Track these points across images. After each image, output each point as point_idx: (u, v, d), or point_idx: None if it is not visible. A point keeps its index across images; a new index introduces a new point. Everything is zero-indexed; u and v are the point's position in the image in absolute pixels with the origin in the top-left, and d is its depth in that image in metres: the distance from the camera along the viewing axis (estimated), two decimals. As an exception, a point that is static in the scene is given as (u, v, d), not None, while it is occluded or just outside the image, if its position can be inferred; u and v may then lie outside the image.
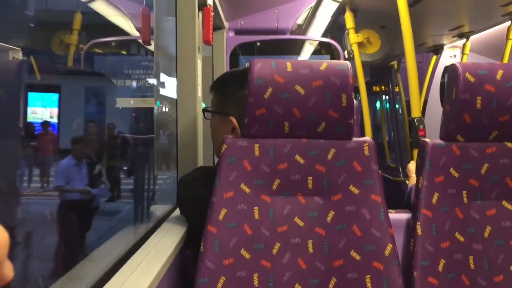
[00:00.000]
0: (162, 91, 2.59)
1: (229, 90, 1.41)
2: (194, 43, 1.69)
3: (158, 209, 1.65)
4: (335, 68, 1.19)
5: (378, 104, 6.25)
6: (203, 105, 1.82)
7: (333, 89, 1.18)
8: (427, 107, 4.17)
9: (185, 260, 1.36)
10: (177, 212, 1.53)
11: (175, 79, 1.71)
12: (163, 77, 2.44)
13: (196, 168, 1.51)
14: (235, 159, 1.19)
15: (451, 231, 1.25)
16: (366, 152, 1.22)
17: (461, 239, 1.25)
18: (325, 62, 1.20)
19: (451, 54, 4.17)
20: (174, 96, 1.71)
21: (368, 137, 1.27)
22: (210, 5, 1.80)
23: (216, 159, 1.37)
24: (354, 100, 1.30)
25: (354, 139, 1.24)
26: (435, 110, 3.64)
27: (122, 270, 1.03)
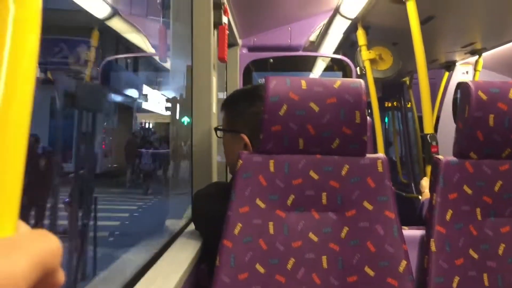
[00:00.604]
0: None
1: (239, 107, 1.43)
2: (210, 60, 1.73)
3: (173, 224, 1.67)
4: (349, 86, 1.21)
5: (389, 119, 6.24)
6: None
7: (346, 106, 1.20)
8: (439, 123, 4.16)
9: (199, 275, 1.38)
10: (192, 226, 1.55)
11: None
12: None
13: (211, 184, 1.53)
14: (250, 174, 1.21)
15: (465, 248, 1.25)
16: (380, 169, 1.23)
17: (475, 256, 1.25)
18: (338, 80, 1.23)
19: (463, 71, 4.17)
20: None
21: (381, 154, 1.28)
22: (225, 23, 1.83)
23: (229, 176, 1.38)
24: (368, 117, 1.32)
25: (368, 155, 1.25)
26: (448, 127, 3.63)
27: (140, 283, 1.04)
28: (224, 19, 1.82)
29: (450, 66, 4.11)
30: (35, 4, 0.25)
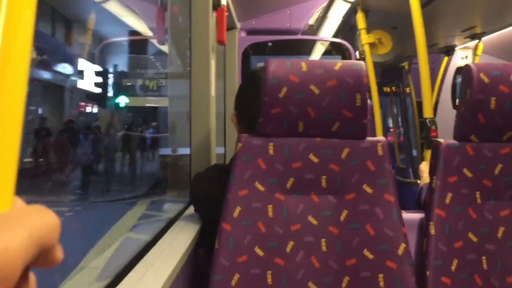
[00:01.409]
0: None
1: (239, 89, 1.45)
2: (208, 43, 1.71)
3: (171, 207, 1.66)
4: (350, 68, 1.20)
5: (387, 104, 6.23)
6: None
7: (347, 89, 1.19)
8: (438, 108, 4.15)
9: (198, 259, 1.38)
10: (190, 210, 1.54)
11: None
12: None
13: (210, 166, 1.52)
14: (249, 157, 1.20)
15: (464, 231, 1.25)
16: (380, 152, 1.22)
17: (474, 239, 1.25)
18: (339, 62, 1.21)
19: (463, 55, 4.15)
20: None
21: (382, 137, 1.27)
22: (224, 5, 1.81)
23: (228, 158, 1.38)
24: (368, 100, 1.31)
25: (368, 138, 1.24)
26: (446, 112, 3.62)
27: (136, 268, 1.04)
28: (223, 1, 1.80)
29: (449, 50, 4.10)
30: None
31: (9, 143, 0.24)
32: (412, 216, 1.40)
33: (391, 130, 5.90)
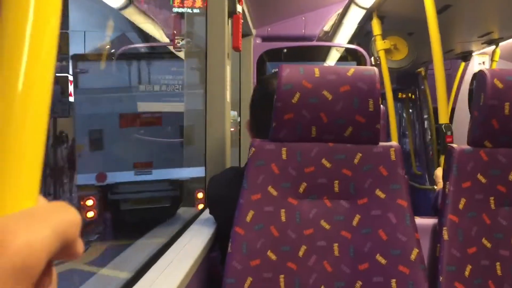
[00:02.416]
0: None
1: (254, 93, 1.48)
2: (224, 49, 1.73)
3: (186, 211, 1.68)
4: (362, 73, 1.21)
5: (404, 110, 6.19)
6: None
7: (360, 94, 1.19)
8: (455, 114, 4.12)
9: (212, 262, 1.39)
10: (205, 214, 1.56)
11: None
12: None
13: (226, 169, 1.55)
14: (263, 162, 1.22)
15: (478, 237, 1.25)
16: (393, 157, 1.23)
17: (488, 245, 1.25)
18: (352, 68, 1.22)
19: (480, 61, 4.12)
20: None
21: (394, 142, 1.28)
22: (239, 12, 1.84)
23: (243, 162, 1.40)
24: (381, 106, 1.32)
25: (381, 143, 1.25)
26: (463, 118, 3.59)
27: (152, 270, 1.06)
28: (239, 8, 1.83)
29: (466, 56, 4.07)
30: None
31: (35, 143, 0.25)
32: (425, 222, 1.40)
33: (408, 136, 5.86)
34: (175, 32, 1.80)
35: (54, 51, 0.27)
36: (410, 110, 5.65)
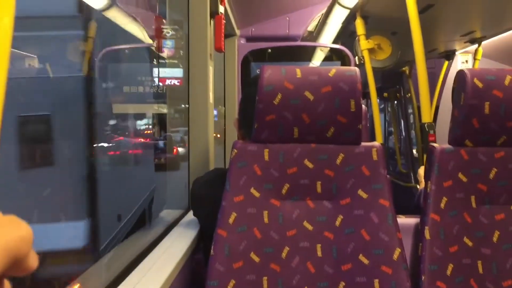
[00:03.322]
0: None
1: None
2: (206, 50, 1.72)
3: (170, 214, 1.67)
4: (344, 74, 1.21)
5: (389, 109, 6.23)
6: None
7: (341, 94, 1.20)
8: (438, 113, 4.16)
9: (196, 264, 1.39)
10: (188, 216, 1.56)
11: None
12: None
13: (210, 170, 1.54)
14: (245, 163, 1.21)
15: (459, 236, 1.25)
16: (375, 157, 1.23)
17: (470, 243, 1.26)
18: (334, 69, 1.22)
19: (463, 60, 4.16)
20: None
21: (376, 142, 1.28)
22: (222, 13, 1.83)
23: (228, 163, 1.40)
24: (363, 106, 1.32)
25: (363, 144, 1.25)
26: (447, 116, 3.62)
27: (133, 273, 1.05)
28: (221, 9, 1.82)
29: (449, 55, 4.10)
30: None
31: None
32: (407, 221, 1.40)
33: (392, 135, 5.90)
34: (156, 33, 1.79)
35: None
36: (395, 109, 5.69)
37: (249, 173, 1.21)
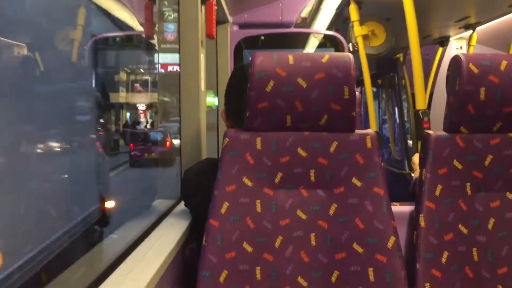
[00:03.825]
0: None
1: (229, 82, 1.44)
2: (197, 37, 1.69)
3: (161, 203, 1.65)
4: (337, 60, 1.19)
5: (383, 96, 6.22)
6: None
7: (335, 81, 1.17)
8: (433, 99, 4.15)
9: (189, 254, 1.37)
10: (180, 206, 1.54)
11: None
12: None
13: (201, 160, 1.52)
14: (237, 152, 1.19)
15: (454, 223, 1.24)
16: (369, 145, 1.21)
17: (465, 231, 1.25)
18: (327, 55, 1.20)
19: (457, 46, 4.14)
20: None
21: (370, 130, 1.26)
22: None
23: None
24: (357, 93, 1.30)
25: (357, 131, 1.23)
26: (441, 103, 3.61)
27: (125, 263, 1.04)
28: (212, -6, 1.78)
29: (443, 41, 4.09)
30: None
31: None
32: (402, 209, 1.39)
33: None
34: (146, 20, 1.76)
35: None
36: (390, 96, 5.68)
37: (242, 162, 1.19)
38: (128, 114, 18.75)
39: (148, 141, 13.14)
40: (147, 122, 17.96)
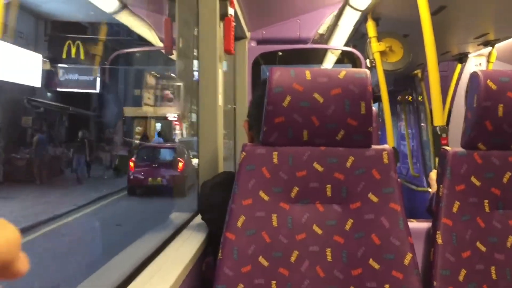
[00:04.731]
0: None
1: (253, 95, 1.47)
2: (216, 52, 1.72)
3: (179, 216, 1.67)
4: (354, 76, 1.19)
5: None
6: None
7: (351, 97, 1.18)
8: (451, 116, 4.11)
9: (206, 268, 1.38)
10: (197, 219, 1.55)
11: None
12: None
13: (218, 174, 1.53)
14: (254, 166, 1.20)
15: (472, 241, 1.23)
16: (385, 160, 1.21)
17: (483, 248, 1.23)
18: (344, 70, 1.21)
19: (476, 63, 4.11)
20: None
21: (387, 145, 1.26)
22: (231, 15, 1.82)
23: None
24: (374, 108, 1.30)
25: (373, 147, 1.23)
26: (460, 119, 3.57)
27: (141, 275, 1.05)
28: (230, 11, 1.81)
29: (462, 58, 4.06)
30: None
31: None
32: (419, 225, 1.38)
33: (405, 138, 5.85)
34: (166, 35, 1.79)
35: None
36: (408, 112, 5.64)
37: (258, 176, 1.20)
38: (159, 125, 17.04)
39: (156, 160, 9.89)
40: (182, 134, 15.68)
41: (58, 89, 12.53)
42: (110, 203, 8.67)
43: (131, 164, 9.68)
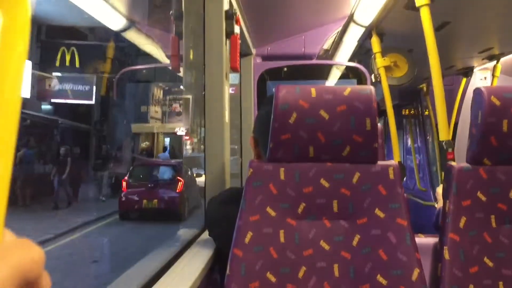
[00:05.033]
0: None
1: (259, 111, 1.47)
2: (222, 70, 1.74)
3: (186, 233, 1.67)
4: (359, 93, 1.21)
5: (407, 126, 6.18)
6: None
7: (357, 113, 1.19)
8: (457, 130, 4.11)
9: (213, 284, 1.38)
10: (204, 235, 1.55)
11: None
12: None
13: (226, 189, 1.54)
14: (261, 183, 1.21)
15: (479, 256, 1.23)
16: (391, 176, 1.22)
17: (490, 264, 1.23)
18: (349, 87, 1.22)
19: (481, 77, 4.12)
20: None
21: (393, 161, 1.27)
22: (237, 33, 1.85)
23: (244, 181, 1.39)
24: (379, 124, 1.31)
25: (379, 162, 1.24)
26: (465, 133, 3.57)
27: None
28: (236, 29, 1.84)
29: (467, 72, 4.06)
30: (25, 13, 0.26)
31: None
32: (426, 241, 1.38)
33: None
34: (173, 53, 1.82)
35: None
36: (414, 126, 5.64)
37: (265, 192, 1.21)
38: (167, 140, 16.21)
39: (153, 179, 8.53)
40: (193, 150, 14.55)
41: (52, 100, 11.57)
42: (95, 231, 7.48)
43: (124, 184, 8.51)
